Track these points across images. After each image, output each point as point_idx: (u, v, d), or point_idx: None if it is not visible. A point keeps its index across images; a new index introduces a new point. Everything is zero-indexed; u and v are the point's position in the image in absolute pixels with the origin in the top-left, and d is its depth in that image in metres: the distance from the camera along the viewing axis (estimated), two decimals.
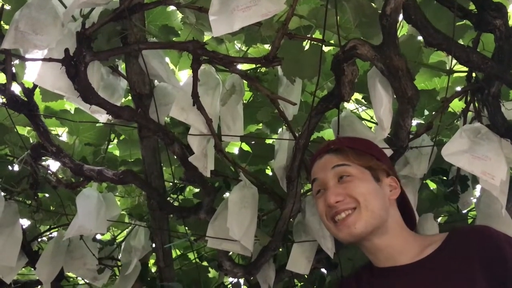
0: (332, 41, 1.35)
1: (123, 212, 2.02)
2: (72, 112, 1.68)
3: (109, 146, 1.82)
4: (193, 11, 1.32)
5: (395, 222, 1.11)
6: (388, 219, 1.11)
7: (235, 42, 1.67)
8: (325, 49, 1.34)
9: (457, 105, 1.55)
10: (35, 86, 1.43)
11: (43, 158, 1.60)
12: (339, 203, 1.09)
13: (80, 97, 1.27)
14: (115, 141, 1.86)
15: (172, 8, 1.52)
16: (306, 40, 1.29)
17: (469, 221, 1.63)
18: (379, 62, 1.15)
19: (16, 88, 1.46)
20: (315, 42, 1.26)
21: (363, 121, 1.54)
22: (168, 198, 1.78)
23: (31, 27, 1.20)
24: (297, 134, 1.47)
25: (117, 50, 1.29)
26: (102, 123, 1.57)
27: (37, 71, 1.25)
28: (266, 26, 1.22)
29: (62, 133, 1.86)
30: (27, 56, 1.29)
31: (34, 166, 1.51)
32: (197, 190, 1.92)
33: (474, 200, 1.62)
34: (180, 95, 1.34)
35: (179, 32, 1.51)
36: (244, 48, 1.59)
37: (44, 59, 1.24)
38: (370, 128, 1.53)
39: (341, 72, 1.22)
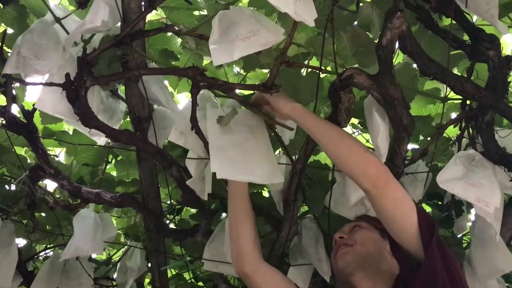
0: (329, 68, 1.37)
1: (119, 231, 2.02)
2: (71, 133, 1.70)
3: (107, 167, 1.83)
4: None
5: (388, 269, 1.18)
6: (383, 267, 1.19)
7: (234, 65, 1.69)
8: (322, 74, 1.37)
9: (452, 130, 1.57)
10: (34, 108, 1.44)
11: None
12: (341, 239, 1.25)
13: (79, 121, 1.28)
14: (113, 161, 1.87)
15: None
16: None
17: (464, 245, 1.64)
18: (375, 91, 1.17)
19: (15, 109, 1.47)
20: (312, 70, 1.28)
21: None
22: (165, 219, 1.79)
23: (33, 52, 1.22)
24: (294, 158, 1.48)
25: (118, 75, 1.31)
26: (101, 145, 1.58)
27: (37, 95, 1.26)
28: (264, 54, 1.24)
29: (59, 152, 1.87)
30: (28, 80, 1.30)
31: (32, 187, 1.52)
32: (194, 210, 1.93)
33: (469, 224, 1.64)
34: (179, 119, 1.36)
35: (179, 56, 1.53)
36: (242, 72, 1.61)
37: (45, 84, 1.25)
38: None
39: (338, 99, 1.25)
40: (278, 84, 1.23)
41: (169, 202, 1.85)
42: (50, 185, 1.74)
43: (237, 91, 1.35)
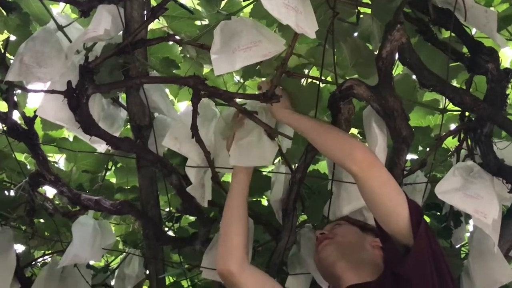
0: (329, 78, 1.38)
1: (117, 238, 2.02)
2: (71, 139, 1.70)
3: (107, 174, 1.83)
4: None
5: (371, 260, 1.18)
6: (365, 257, 1.19)
7: (234, 74, 1.70)
8: (322, 84, 1.37)
9: (450, 141, 1.58)
10: (35, 115, 1.45)
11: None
12: (322, 235, 1.26)
13: (80, 128, 1.29)
14: (113, 168, 1.87)
15: None
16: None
17: (462, 256, 1.64)
18: (375, 102, 1.18)
19: (17, 116, 1.48)
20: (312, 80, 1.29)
21: None
22: (164, 226, 1.79)
23: (35, 60, 1.23)
24: (293, 167, 1.49)
25: (119, 83, 1.32)
26: (101, 152, 1.59)
27: (39, 102, 1.27)
28: (265, 64, 1.25)
29: (59, 159, 1.88)
30: (29, 87, 1.31)
31: (32, 194, 1.52)
32: (193, 218, 1.93)
33: (468, 235, 1.64)
34: (174, 125, 1.36)
35: (180, 64, 1.54)
36: (242, 80, 1.62)
37: (46, 91, 1.25)
38: None
39: (337, 110, 1.26)
40: (278, 94, 1.24)
41: (168, 209, 1.85)
42: (50, 191, 1.74)
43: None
